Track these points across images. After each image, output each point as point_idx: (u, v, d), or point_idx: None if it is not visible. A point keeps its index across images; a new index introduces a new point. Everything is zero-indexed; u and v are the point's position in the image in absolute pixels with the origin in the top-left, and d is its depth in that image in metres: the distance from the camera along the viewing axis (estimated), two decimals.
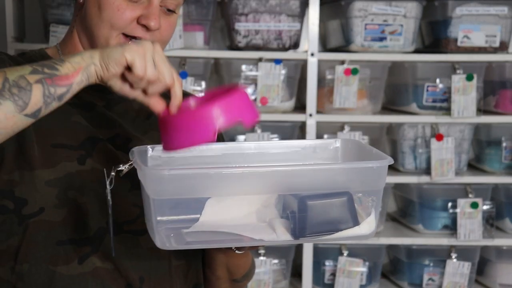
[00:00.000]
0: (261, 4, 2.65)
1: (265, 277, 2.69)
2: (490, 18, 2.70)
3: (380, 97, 2.80)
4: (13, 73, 1.11)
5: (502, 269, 2.81)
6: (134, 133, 1.43)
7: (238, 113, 1.14)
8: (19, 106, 1.10)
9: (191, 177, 1.14)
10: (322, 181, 1.18)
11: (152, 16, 1.34)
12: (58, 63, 1.14)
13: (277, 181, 1.17)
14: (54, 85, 1.12)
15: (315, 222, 1.17)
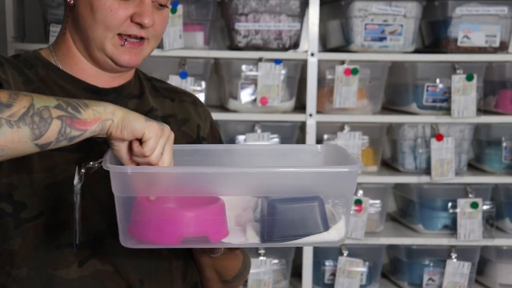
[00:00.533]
0: (261, 4, 2.65)
1: (265, 277, 2.69)
2: (490, 18, 2.70)
3: (380, 97, 2.80)
4: (39, 101, 1.13)
5: (502, 269, 2.81)
6: None
7: (207, 227, 1.15)
8: (34, 134, 1.12)
9: (153, 176, 1.16)
10: (291, 185, 1.18)
11: (145, 13, 1.35)
12: (82, 106, 1.16)
13: (244, 183, 1.18)
14: (71, 126, 1.14)
15: (283, 225, 1.17)
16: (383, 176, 2.77)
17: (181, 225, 1.14)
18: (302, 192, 1.18)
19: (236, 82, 2.69)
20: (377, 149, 2.81)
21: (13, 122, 1.10)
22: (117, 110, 1.17)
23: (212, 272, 1.51)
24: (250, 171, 1.17)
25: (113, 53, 1.37)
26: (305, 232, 1.18)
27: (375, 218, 2.78)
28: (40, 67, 1.41)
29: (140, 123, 1.16)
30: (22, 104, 1.11)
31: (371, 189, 2.76)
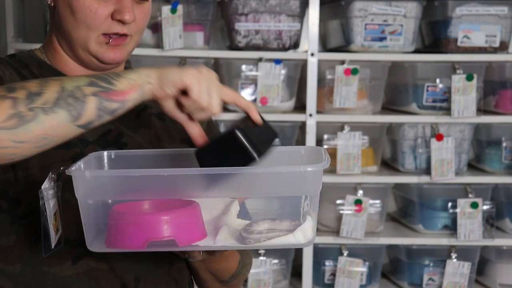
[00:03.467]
0: (261, 4, 2.65)
1: (265, 277, 2.69)
2: (490, 18, 2.70)
3: (380, 97, 2.80)
4: (70, 83, 1.12)
5: (502, 269, 2.81)
6: (125, 129, 1.43)
7: (176, 231, 1.13)
8: (72, 116, 1.11)
9: (112, 180, 1.16)
10: (256, 185, 1.17)
11: (125, 9, 1.34)
12: (114, 77, 1.15)
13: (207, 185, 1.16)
14: (108, 100, 1.13)
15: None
16: (383, 176, 2.77)
17: (147, 229, 1.13)
18: (267, 193, 1.18)
19: (236, 82, 2.69)
20: (377, 149, 2.81)
21: (47, 108, 1.09)
22: (151, 71, 1.16)
23: (207, 273, 1.50)
24: (213, 173, 1.14)
25: (98, 52, 1.37)
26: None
27: (375, 218, 2.78)
28: (35, 66, 1.41)
29: (176, 74, 1.15)
30: (53, 89, 1.10)
31: (371, 189, 2.76)
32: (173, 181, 1.15)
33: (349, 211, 2.70)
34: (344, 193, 2.72)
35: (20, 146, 1.09)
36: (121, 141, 1.40)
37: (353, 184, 2.74)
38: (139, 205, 1.19)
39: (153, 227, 1.13)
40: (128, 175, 1.15)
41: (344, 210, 2.70)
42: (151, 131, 1.46)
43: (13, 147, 1.09)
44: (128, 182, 1.16)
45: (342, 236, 2.70)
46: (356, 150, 2.69)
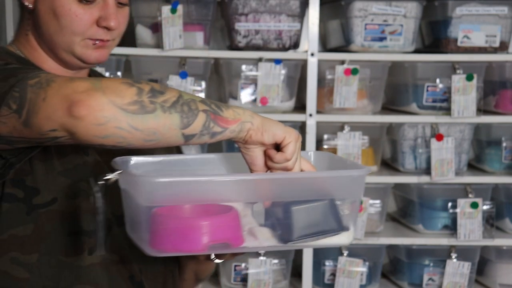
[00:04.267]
0: (261, 4, 2.65)
1: (265, 277, 2.69)
2: (490, 18, 2.70)
3: (380, 97, 2.80)
4: (186, 94, 1.18)
5: (502, 269, 2.81)
6: None
7: (229, 234, 1.19)
8: (183, 123, 1.15)
9: (182, 184, 1.17)
10: (305, 190, 1.22)
11: (111, 16, 1.35)
12: (223, 106, 1.19)
13: (265, 189, 1.21)
14: (214, 122, 1.17)
15: (299, 227, 1.20)
16: (383, 176, 2.77)
17: (207, 233, 1.17)
18: (314, 196, 1.22)
19: (236, 82, 2.69)
20: (377, 149, 2.81)
21: (166, 108, 1.13)
22: (255, 115, 1.21)
23: (191, 273, 1.55)
24: (270, 178, 1.21)
25: (83, 54, 1.37)
26: (321, 231, 1.22)
27: (375, 218, 2.78)
28: (15, 63, 1.38)
29: (280, 128, 1.20)
30: (172, 93, 1.15)
31: (371, 189, 2.76)
32: (244, 185, 1.20)
33: None
34: None
35: (133, 132, 1.12)
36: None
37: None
38: (180, 209, 1.21)
39: (213, 230, 1.17)
40: (199, 179, 1.18)
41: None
42: None
43: (126, 131, 1.12)
44: (197, 187, 1.18)
45: None
46: (356, 150, 2.69)
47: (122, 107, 1.11)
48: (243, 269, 2.73)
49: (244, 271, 2.72)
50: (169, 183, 1.16)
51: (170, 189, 1.16)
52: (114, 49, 2.79)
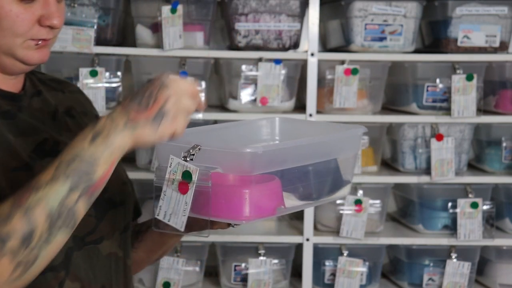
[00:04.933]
0: (261, 4, 2.65)
1: (265, 277, 2.69)
2: (490, 18, 2.70)
3: (380, 97, 2.80)
4: (53, 200, 1.11)
5: (502, 269, 2.81)
6: (58, 136, 1.39)
7: (281, 198, 1.28)
8: (70, 230, 1.13)
9: (279, 152, 1.27)
10: (319, 152, 1.35)
11: (53, 14, 1.31)
12: (91, 168, 1.13)
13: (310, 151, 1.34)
14: (94, 194, 1.15)
15: (318, 186, 1.35)
16: (383, 176, 2.77)
17: (274, 198, 1.25)
18: (328, 156, 1.38)
19: (236, 82, 2.68)
20: (377, 149, 2.81)
21: (45, 240, 1.10)
22: (125, 140, 1.15)
23: (146, 253, 1.54)
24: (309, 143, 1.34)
25: (25, 56, 1.33)
26: (332, 189, 1.38)
27: (375, 218, 2.78)
28: None
29: (151, 134, 1.16)
30: (41, 220, 1.09)
31: (371, 189, 2.76)
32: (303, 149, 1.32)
33: (349, 211, 2.70)
34: None
35: (36, 273, 1.11)
36: (58, 150, 1.33)
37: (353, 184, 2.73)
38: (226, 177, 1.26)
39: (278, 195, 1.26)
40: (293, 145, 1.30)
41: (344, 210, 2.70)
42: (71, 134, 1.40)
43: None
44: (292, 152, 1.29)
45: (342, 236, 2.70)
46: None
47: (8, 283, 1.08)
48: (243, 269, 2.73)
49: (244, 271, 2.72)
50: (268, 152, 1.23)
51: (268, 157, 1.24)
52: (114, 49, 2.81)
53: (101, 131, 1.15)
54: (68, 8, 2.57)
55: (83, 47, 2.55)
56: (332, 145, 1.39)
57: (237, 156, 1.21)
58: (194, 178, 1.19)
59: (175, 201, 1.22)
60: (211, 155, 1.21)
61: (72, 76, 2.62)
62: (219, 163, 1.22)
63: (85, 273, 1.34)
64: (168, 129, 1.16)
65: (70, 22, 2.56)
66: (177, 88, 1.17)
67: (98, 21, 2.60)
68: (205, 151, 1.21)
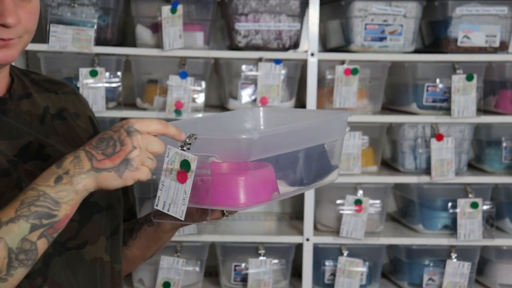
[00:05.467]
0: (261, 4, 2.65)
1: (265, 277, 2.69)
2: (490, 18, 2.70)
3: (380, 97, 2.80)
4: (13, 238, 1.11)
5: (502, 269, 2.81)
6: (44, 139, 1.38)
7: (275, 184, 1.29)
8: (29, 266, 1.14)
9: (274, 138, 1.29)
10: (308, 137, 1.38)
11: (6, 12, 1.25)
12: (54, 208, 1.14)
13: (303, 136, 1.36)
14: (56, 231, 1.15)
15: (308, 171, 1.37)
16: (383, 176, 2.77)
17: (270, 184, 1.27)
18: (318, 141, 1.40)
19: (236, 82, 2.69)
20: (377, 149, 2.81)
21: (4, 277, 1.11)
22: (88, 182, 1.16)
23: (140, 250, 1.54)
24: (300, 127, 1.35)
25: None
26: (321, 174, 1.40)
27: (375, 218, 2.78)
28: None
29: (115, 179, 1.16)
30: (1, 256, 1.11)
31: (371, 189, 2.76)
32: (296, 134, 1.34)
33: (349, 211, 2.70)
34: (344, 193, 2.72)
35: None
36: (43, 153, 1.35)
37: (353, 184, 2.74)
38: (220, 165, 1.27)
39: (272, 181, 1.28)
40: (288, 130, 1.32)
41: (344, 210, 2.70)
42: (60, 138, 1.42)
43: None
44: (286, 137, 1.31)
45: (342, 236, 2.70)
46: (356, 150, 2.69)
47: None
48: (243, 269, 2.73)
49: (244, 271, 2.72)
50: (264, 138, 1.24)
51: (264, 143, 1.25)
52: (114, 49, 2.80)
53: (66, 172, 1.15)
54: (68, 8, 2.57)
55: (83, 47, 2.55)
56: (323, 129, 1.42)
57: (234, 143, 1.22)
58: (193, 166, 1.19)
59: (173, 190, 1.22)
60: (206, 144, 1.22)
61: (72, 76, 2.62)
62: (215, 151, 1.23)
63: (66, 279, 1.32)
64: (132, 176, 1.17)
65: (70, 22, 2.56)
66: (143, 137, 1.17)
67: (98, 21, 2.60)
68: (201, 139, 1.21)
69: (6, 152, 1.30)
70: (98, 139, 1.17)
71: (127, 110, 2.65)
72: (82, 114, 1.51)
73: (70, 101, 1.51)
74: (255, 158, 1.25)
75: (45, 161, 1.33)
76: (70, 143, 1.42)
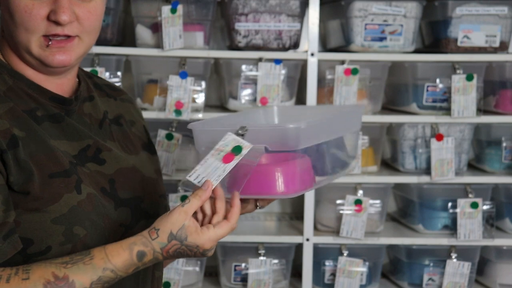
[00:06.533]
0: (261, 4, 2.65)
1: (265, 277, 2.69)
2: (490, 18, 2.70)
3: (380, 97, 2.80)
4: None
5: (502, 269, 2.81)
6: (102, 143, 1.41)
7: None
8: None
9: (316, 127, 1.38)
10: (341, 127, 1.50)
11: (60, 9, 1.27)
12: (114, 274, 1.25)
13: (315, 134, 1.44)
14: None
15: (333, 162, 1.47)
16: (383, 176, 2.77)
17: (310, 173, 1.37)
18: (343, 132, 1.51)
19: (236, 82, 2.69)
20: (377, 149, 2.81)
21: None
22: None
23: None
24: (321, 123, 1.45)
25: (40, 55, 1.31)
26: (343, 164, 1.50)
27: (375, 218, 2.78)
28: (6, 75, 1.35)
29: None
30: None
31: (371, 189, 2.76)
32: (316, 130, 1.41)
33: (349, 211, 2.70)
34: (344, 193, 2.72)
35: None
36: (99, 157, 1.39)
37: (353, 184, 2.74)
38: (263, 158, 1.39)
39: (311, 170, 1.37)
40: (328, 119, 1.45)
41: (344, 210, 2.70)
42: (115, 143, 1.46)
43: None
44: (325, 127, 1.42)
45: (342, 236, 2.70)
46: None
47: None
48: (243, 269, 2.73)
49: (244, 271, 2.72)
50: (309, 128, 1.34)
51: (310, 132, 1.34)
52: (114, 49, 2.80)
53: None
54: None
55: None
56: (349, 119, 1.53)
57: (283, 132, 1.32)
58: (244, 152, 1.28)
59: (213, 168, 1.29)
60: (255, 134, 1.31)
61: None
62: (264, 141, 1.31)
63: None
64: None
65: None
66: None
67: None
68: (250, 131, 1.31)
69: (67, 152, 1.33)
70: (174, 251, 1.26)
71: None
72: (137, 122, 1.57)
73: (126, 108, 1.56)
74: (303, 146, 1.33)
75: (101, 165, 1.37)
76: (124, 149, 1.47)
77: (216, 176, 1.27)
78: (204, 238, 1.26)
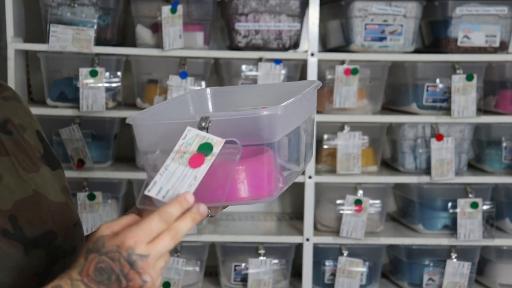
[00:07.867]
0: (261, 4, 2.65)
1: (265, 277, 2.69)
2: (490, 18, 2.70)
3: (380, 97, 2.80)
4: None
5: (502, 269, 2.81)
6: None
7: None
8: None
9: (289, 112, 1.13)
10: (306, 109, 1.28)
11: None
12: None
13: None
14: None
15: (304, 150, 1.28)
16: (383, 176, 2.77)
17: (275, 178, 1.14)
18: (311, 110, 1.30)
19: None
20: (377, 149, 2.81)
21: None
22: None
23: None
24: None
25: None
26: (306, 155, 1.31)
27: (375, 218, 2.78)
28: None
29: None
30: None
31: (371, 189, 2.76)
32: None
33: (349, 211, 2.70)
34: (344, 193, 2.72)
35: None
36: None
37: (353, 184, 2.74)
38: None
39: (275, 175, 1.12)
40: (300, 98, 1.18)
41: (344, 210, 2.70)
42: (9, 159, 1.14)
43: None
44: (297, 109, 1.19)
45: (342, 236, 2.70)
46: (356, 150, 2.69)
47: None
48: (243, 269, 2.73)
49: (244, 271, 2.72)
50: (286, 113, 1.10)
51: (285, 119, 1.10)
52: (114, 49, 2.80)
53: None
54: (68, 8, 2.57)
55: (83, 47, 2.55)
56: (308, 99, 1.25)
57: (255, 121, 1.05)
58: (216, 150, 1.02)
59: (179, 176, 1.02)
60: (218, 127, 1.05)
61: (72, 76, 2.62)
62: (231, 134, 1.05)
63: None
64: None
65: (70, 22, 2.56)
66: (148, 263, 0.97)
67: (98, 21, 2.60)
68: (213, 122, 1.04)
69: None
70: (95, 269, 0.97)
71: (127, 110, 2.65)
72: (28, 128, 1.21)
73: (13, 109, 1.20)
74: (279, 137, 1.09)
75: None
76: (22, 164, 1.15)
77: (187, 186, 1.01)
78: (122, 236, 0.97)
